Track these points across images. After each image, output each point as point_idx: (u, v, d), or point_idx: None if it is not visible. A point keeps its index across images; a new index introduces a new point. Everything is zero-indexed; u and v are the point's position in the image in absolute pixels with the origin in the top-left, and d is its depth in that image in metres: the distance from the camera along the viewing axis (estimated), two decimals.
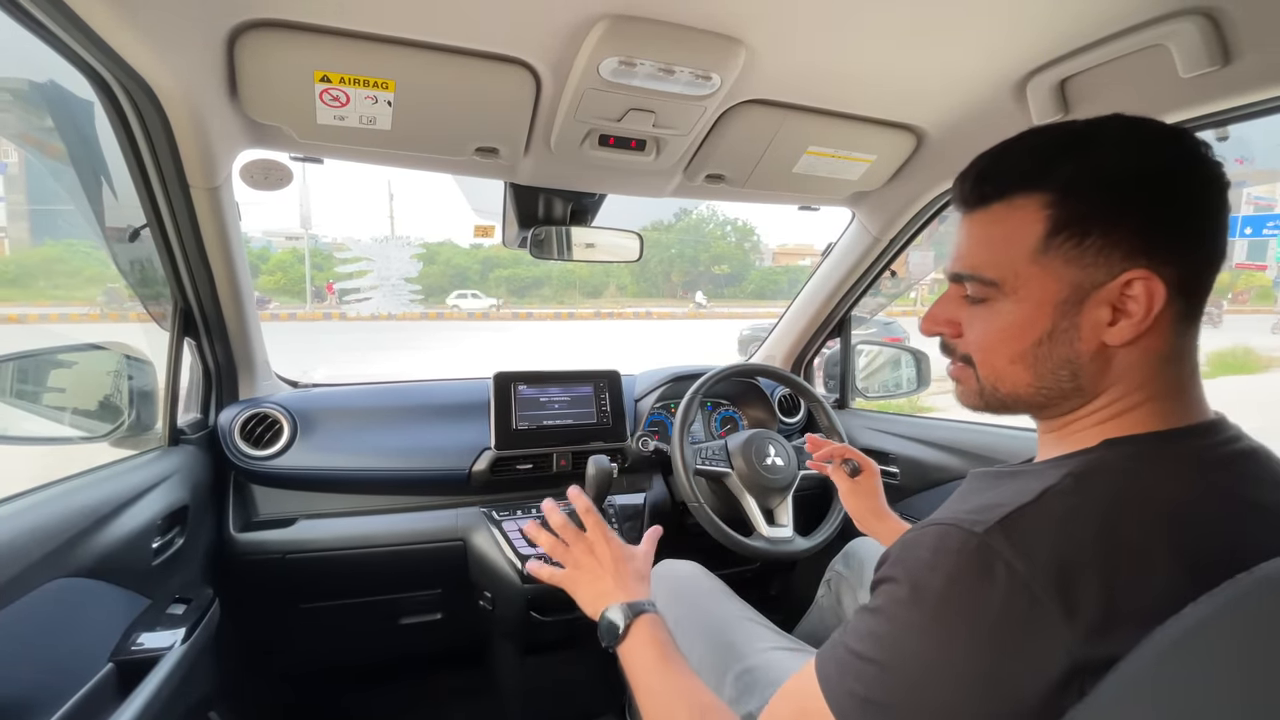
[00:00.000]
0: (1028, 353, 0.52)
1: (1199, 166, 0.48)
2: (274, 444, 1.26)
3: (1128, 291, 0.47)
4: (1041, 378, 0.52)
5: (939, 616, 0.44)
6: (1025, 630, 0.41)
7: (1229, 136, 0.86)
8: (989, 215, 0.53)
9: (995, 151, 0.54)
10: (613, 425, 1.47)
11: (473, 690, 1.62)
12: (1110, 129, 0.50)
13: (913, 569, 0.46)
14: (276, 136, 0.96)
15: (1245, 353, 8.70)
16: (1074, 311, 0.49)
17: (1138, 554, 0.42)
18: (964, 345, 0.56)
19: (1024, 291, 0.51)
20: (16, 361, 0.97)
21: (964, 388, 0.58)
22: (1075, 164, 0.49)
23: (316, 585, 1.29)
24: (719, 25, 0.78)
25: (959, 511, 0.47)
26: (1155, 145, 0.49)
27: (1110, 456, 0.49)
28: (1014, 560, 0.42)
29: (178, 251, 1.03)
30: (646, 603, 0.75)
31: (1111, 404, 0.51)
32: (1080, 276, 0.49)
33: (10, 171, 13.09)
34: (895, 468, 1.52)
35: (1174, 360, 0.50)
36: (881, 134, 1.09)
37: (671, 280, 24.41)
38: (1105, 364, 0.50)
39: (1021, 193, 0.50)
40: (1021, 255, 0.50)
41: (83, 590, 0.79)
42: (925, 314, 0.60)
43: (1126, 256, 0.47)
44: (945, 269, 0.58)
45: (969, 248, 0.54)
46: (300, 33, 0.77)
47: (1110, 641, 0.40)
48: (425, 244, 21.07)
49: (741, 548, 1.23)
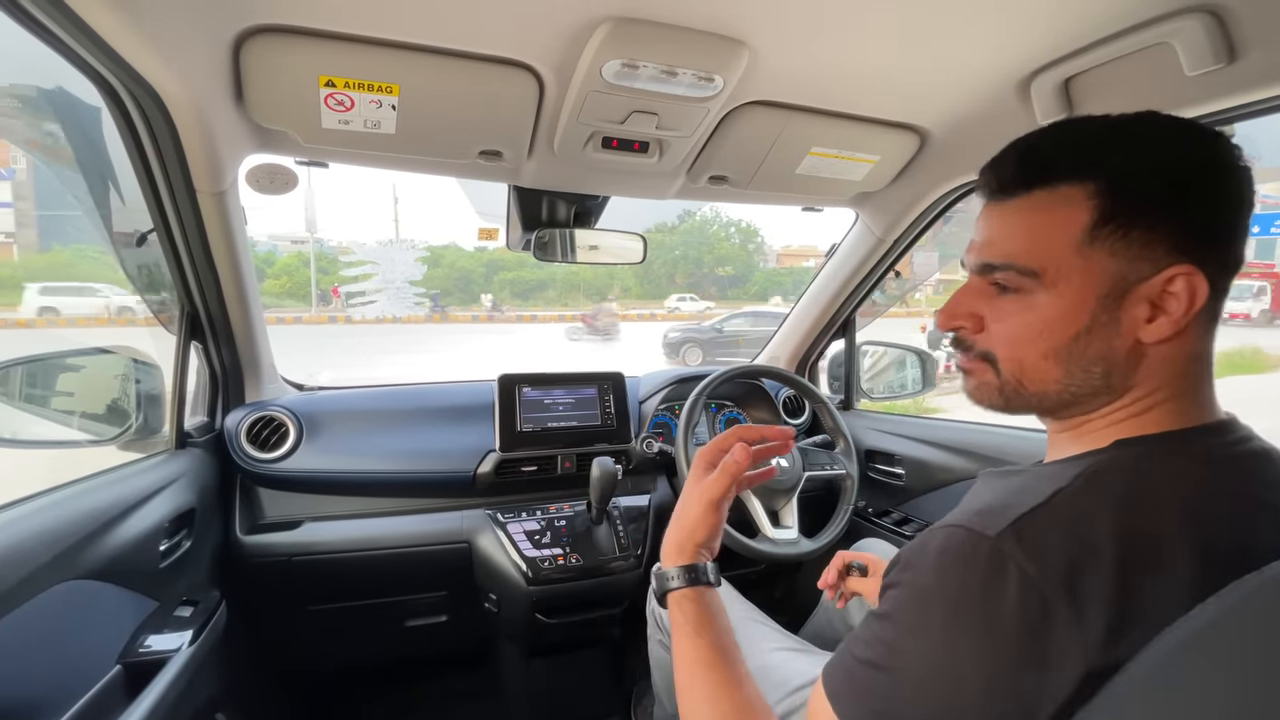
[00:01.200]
0: (1063, 348, 0.50)
1: (1237, 167, 0.48)
2: (280, 447, 1.26)
3: (1169, 288, 0.47)
4: (1072, 375, 0.50)
5: (949, 620, 0.43)
6: (1037, 634, 0.40)
7: (1235, 135, 0.86)
8: (1030, 202, 0.51)
9: (1034, 139, 0.52)
10: (617, 427, 1.47)
11: (478, 692, 1.62)
12: (1156, 123, 0.49)
13: (922, 573, 0.46)
14: (282, 141, 0.97)
15: (1254, 352, 8.66)
16: (1115, 306, 0.48)
17: (1149, 555, 0.42)
18: (985, 340, 0.54)
19: (1065, 283, 0.49)
20: (26, 366, 0.98)
21: (980, 385, 0.56)
22: (1126, 155, 0.48)
23: (323, 587, 1.30)
24: (721, 27, 0.78)
25: (969, 514, 0.46)
26: (1199, 144, 0.49)
27: (1123, 456, 0.48)
28: (1025, 564, 0.41)
29: (184, 256, 1.04)
30: (703, 567, 0.66)
31: (1133, 403, 0.50)
32: (1124, 270, 0.47)
33: (18, 177, 13.21)
34: (901, 469, 1.51)
35: (1197, 359, 0.50)
36: (885, 134, 1.09)
37: (675, 282, 24.40)
38: (1137, 362, 0.49)
39: (1068, 181, 0.49)
40: (1065, 244, 0.49)
41: (91, 593, 0.80)
42: (943, 308, 0.58)
43: (1170, 252, 0.47)
44: (967, 260, 0.56)
45: (1004, 235, 0.52)
46: (305, 38, 0.78)
47: (1123, 643, 0.40)
48: (430, 247, 21.14)
49: (747, 550, 1.23)
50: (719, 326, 11.54)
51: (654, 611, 1.12)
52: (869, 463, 1.61)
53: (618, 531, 1.36)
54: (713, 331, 11.42)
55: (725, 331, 11.30)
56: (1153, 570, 0.42)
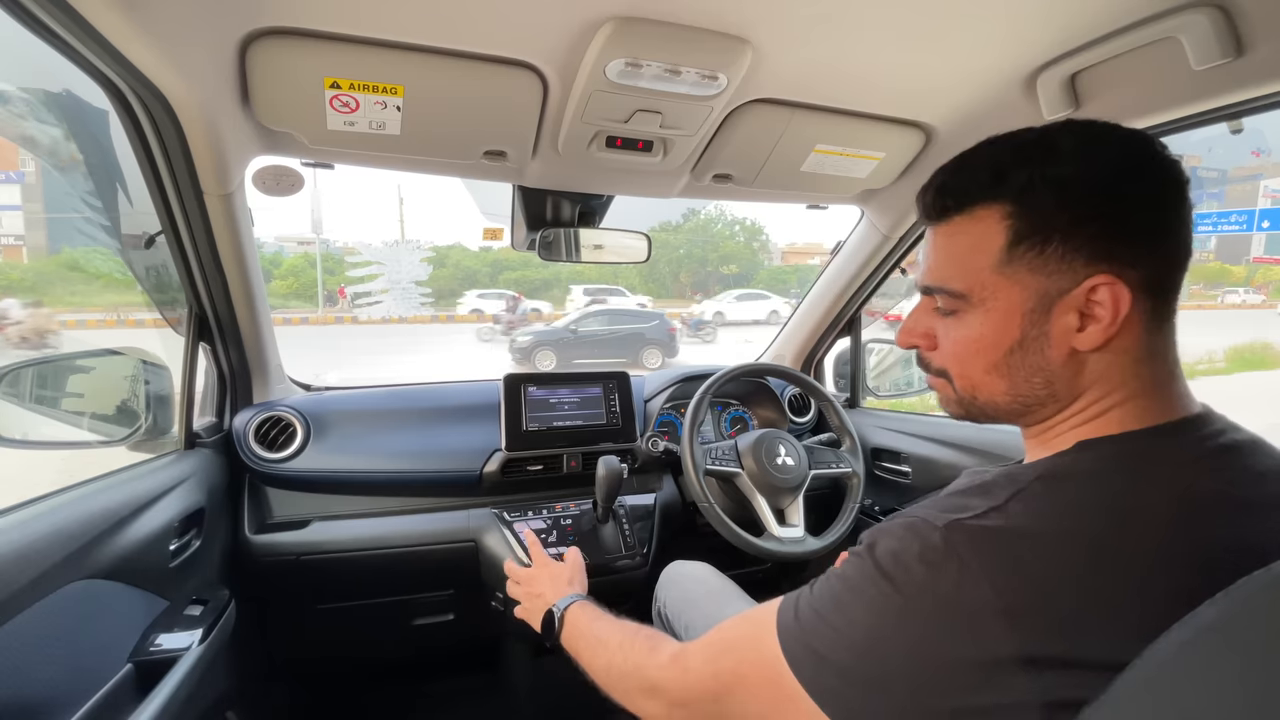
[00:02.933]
0: (1001, 362, 0.52)
1: (1154, 167, 0.49)
2: (288, 447, 1.27)
3: (1093, 297, 0.48)
4: (1016, 386, 0.53)
5: (891, 593, 0.46)
6: (968, 619, 0.42)
7: (1243, 129, 0.85)
8: (952, 228, 0.54)
9: (954, 164, 0.55)
10: (622, 426, 1.47)
11: (485, 690, 1.62)
12: (1064, 136, 0.50)
13: (880, 549, 0.49)
14: (288, 142, 0.97)
15: (1264, 348, 8.61)
16: (1042, 319, 0.50)
17: (1092, 561, 0.43)
18: (939, 358, 0.57)
19: (992, 302, 0.51)
20: (37, 367, 0.99)
21: (943, 399, 0.60)
22: (1030, 173, 0.49)
23: (331, 586, 1.30)
24: (725, 25, 0.78)
25: (933, 506, 0.50)
26: (1108, 150, 0.50)
27: (1082, 459, 0.49)
28: (969, 557, 0.44)
29: (192, 257, 1.04)
30: (574, 595, 0.91)
31: (1088, 407, 0.52)
32: (1045, 284, 0.49)
33: (28, 180, 13.32)
34: (907, 467, 1.51)
35: (1148, 360, 0.50)
36: (890, 131, 1.09)
37: (680, 281, 24.37)
38: (1078, 369, 0.51)
39: (981, 204, 0.51)
40: (986, 266, 0.51)
41: (102, 592, 0.80)
42: (900, 328, 0.61)
43: (1089, 262, 0.48)
44: (917, 282, 0.59)
45: (935, 260, 0.55)
46: (310, 39, 0.78)
47: (1080, 642, 0.41)
48: (435, 247, 21.16)
49: (752, 548, 1.23)
50: (573, 327, 10.67)
51: (660, 610, 1.12)
52: (875, 461, 1.61)
53: (623, 530, 1.37)
54: (566, 333, 10.59)
55: (580, 333, 10.56)
56: (1100, 569, 0.42)
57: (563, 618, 0.86)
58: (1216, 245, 22.38)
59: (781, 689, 0.49)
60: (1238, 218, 15.24)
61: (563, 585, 0.96)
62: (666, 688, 0.63)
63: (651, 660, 0.67)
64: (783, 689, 0.49)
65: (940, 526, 0.46)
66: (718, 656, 0.58)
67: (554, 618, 0.87)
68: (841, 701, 0.46)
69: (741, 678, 0.54)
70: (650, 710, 0.66)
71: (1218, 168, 20.10)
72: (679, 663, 0.63)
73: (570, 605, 0.87)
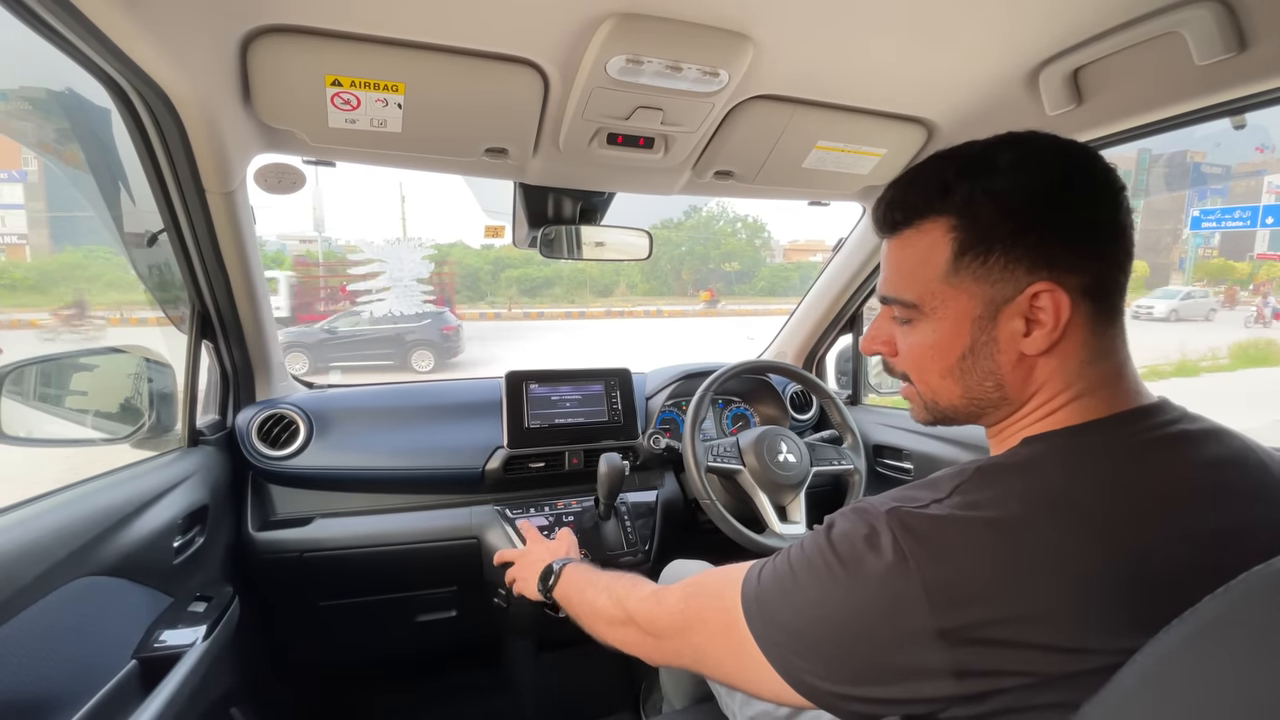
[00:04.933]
0: (955, 367, 0.55)
1: (1089, 177, 0.51)
2: (290, 444, 1.27)
3: (1036, 303, 0.50)
4: (970, 389, 0.56)
5: (836, 565, 0.50)
6: (894, 597, 0.46)
7: (1246, 124, 0.85)
8: (902, 241, 0.57)
9: (903, 179, 0.58)
10: (624, 423, 1.47)
11: (488, 687, 1.63)
12: (1003, 150, 0.53)
13: (835, 529, 0.52)
14: (289, 140, 0.97)
15: (1268, 344, 8.60)
16: (990, 326, 0.53)
17: (1012, 545, 0.44)
18: (901, 364, 0.61)
19: (942, 311, 0.54)
20: (41, 365, 0.99)
21: (914, 407, 0.62)
22: (972, 187, 0.52)
23: (334, 583, 1.31)
24: (726, 21, 0.78)
25: (887, 497, 0.52)
26: (1044, 162, 0.52)
27: (1021, 452, 0.51)
28: (903, 540, 0.46)
29: (194, 256, 1.04)
30: (573, 558, 0.96)
31: (1039, 407, 0.54)
32: (991, 293, 0.52)
33: (30, 179, 13.34)
34: (909, 464, 1.51)
35: (1095, 360, 0.52)
36: (891, 127, 1.08)
37: (682, 278, 24.35)
38: (1028, 372, 0.53)
39: (929, 217, 0.54)
40: (934, 277, 0.54)
41: (106, 589, 0.81)
42: (864, 335, 0.64)
43: (1030, 270, 0.50)
44: (877, 292, 0.62)
45: (888, 273, 0.59)
46: (311, 37, 0.78)
47: (969, 617, 0.43)
48: (437, 245, 21.13)
49: (754, 545, 1.23)
50: (332, 327, 9.82)
51: None
52: (877, 458, 1.61)
53: (625, 527, 1.37)
54: (323, 334, 9.74)
55: (340, 333, 9.77)
56: (1021, 554, 0.44)
57: (560, 572, 0.90)
58: (1220, 241, 22.29)
59: (734, 634, 0.55)
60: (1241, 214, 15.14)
61: (560, 553, 1.00)
62: (642, 618, 0.70)
63: (634, 594, 0.73)
64: (734, 634, 0.55)
65: (884, 513, 0.49)
66: (689, 597, 0.64)
67: (552, 571, 0.91)
68: (781, 653, 0.51)
69: (704, 620, 0.60)
70: (628, 639, 0.72)
71: (1222, 164, 20.02)
72: (657, 596, 0.70)
73: (568, 564, 0.92)
